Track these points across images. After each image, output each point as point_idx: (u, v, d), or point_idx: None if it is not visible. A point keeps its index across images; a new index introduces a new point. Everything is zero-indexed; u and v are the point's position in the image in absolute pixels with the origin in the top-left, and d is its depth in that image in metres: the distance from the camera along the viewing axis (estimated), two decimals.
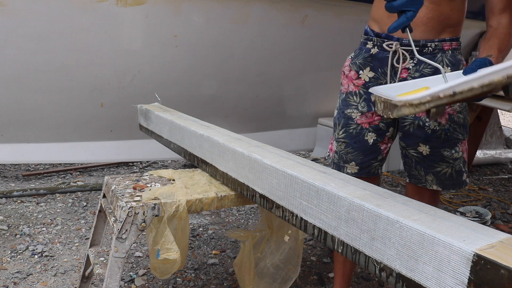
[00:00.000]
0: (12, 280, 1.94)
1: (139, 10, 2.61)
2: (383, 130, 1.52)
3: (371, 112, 1.50)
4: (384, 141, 1.54)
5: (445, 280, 0.71)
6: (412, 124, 1.46)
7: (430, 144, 1.44)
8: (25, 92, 2.70)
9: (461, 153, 1.46)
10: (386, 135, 1.54)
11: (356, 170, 1.57)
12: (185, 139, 1.73)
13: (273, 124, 3.74)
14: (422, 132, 1.44)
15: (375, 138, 1.52)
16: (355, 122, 1.53)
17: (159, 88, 2.60)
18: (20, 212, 2.70)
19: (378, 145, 1.54)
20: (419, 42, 1.40)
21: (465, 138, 1.47)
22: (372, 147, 1.54)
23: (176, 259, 1.34)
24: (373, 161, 1.56)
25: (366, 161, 1.55)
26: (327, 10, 3.17)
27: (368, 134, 1.52)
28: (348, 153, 1.57)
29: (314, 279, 2.08)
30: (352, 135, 1.55)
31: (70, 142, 3.05)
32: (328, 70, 3.59)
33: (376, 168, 1.58)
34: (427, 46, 1.41)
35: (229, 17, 2.86)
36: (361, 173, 1.56)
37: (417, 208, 0.86)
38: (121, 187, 1.49)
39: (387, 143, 1.56)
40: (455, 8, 1.39)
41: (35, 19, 2.43)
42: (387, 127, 1.52)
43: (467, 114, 1.48)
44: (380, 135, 1.53)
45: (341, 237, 0.93)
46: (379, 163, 1.58)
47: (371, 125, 1.51)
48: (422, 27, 1.38)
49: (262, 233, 1.64)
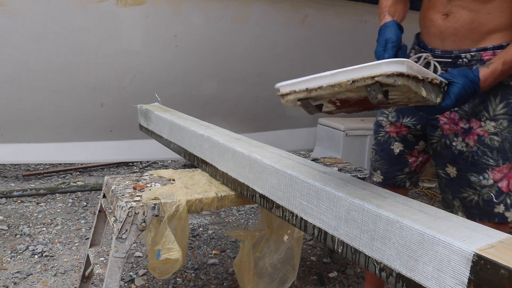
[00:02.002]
0: (12, 280, 1.94)
1: (139, 10, 2.61)
2: (411, 142, 1.44)
3: (399, 122, 1.44)
4: (412, 153, 1.46)
5: (445, 280, 0.71)
6: (439, 143, 1.35)
7: (457, 166, 1.32)
8: (25, 92, 2.70)
9: (491, 181, 1.27)
10: (415, 148, 1.45)
11: (380, 180, 1.52)
12: (185, 139, 1.73)
13: (273, 124, 3.75)
14: (449, 152, 1.33)
15: (402, 149, 1.46)
16: (384, 130, 1.48)
17: (159, 88, 2.60)
18: (20, 212, 2.70)
19: (405, 157, 1.47)
20: (451, 53, 1.28)
21: (500, 165, 1.26)
22: (397, 158, 1.47)
23: (178, 258, 1.34)
24: (398, 172, 1.49)
25: (390, 172, 1.49)
26: (327, 10, 3.17)
27: (394, 143, 1.46)
28: (376, 161, 1.52)
29: (314, 279, 2.08)
30: (380, 143, 1.50)
31: (70, 142, 3.05)
32: (328, 70, 3.59)
33: (403, 181, 1.50)
34: (461, 58, 1.26)
35: (229, 17, 2.86)
36: (386, 183, 1.50)
37: (417, 208, 0.86)
38: (121, 187, 1.49)
39: (417, 157, 1.47)
40: (494, 10, 1.20)
41: (35, 19, 2.43)
42: (416, 140, 1.44)
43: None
44: (407, 147, 1.45)
45: (341, 237, 0.93)
46: (406, 176, 1.49)
47: (398, 135, 1.45)
48: (451, 37, 1.26)
49: (261, 232, 1.64)
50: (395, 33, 1.21)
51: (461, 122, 1.28)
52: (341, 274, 2.13)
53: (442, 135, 1.33)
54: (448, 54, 1.28)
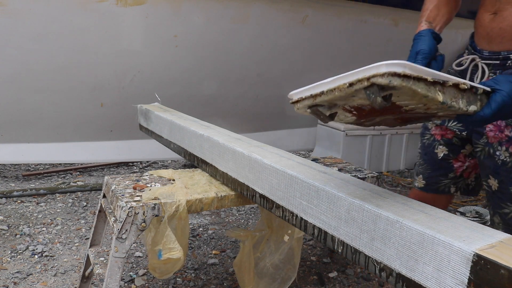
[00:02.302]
0: (12, 280, 1.94)
1: (139, 10, 2.61)
2: (456, 146, 1.37)
3: (445, 126, 1.38)
4: (458, 158, 1.38)
5: (445, 280, 0.71)
6: (483, 151, 1.26)
7: (499, 177, 1.23)
8: (25, 92, 2.70)
9: None
10: (461, 152, 1.37)
11: (422, 185, 1.45)
12: (185, 139, 1.73)
13: (273, 124, 3.75)
14: (492, 162, 1.24)
15: (446, 153, 1.38)
16: (429, 132, 1.42)
17: (159, 88, 2.60)
18: (20, 212, 2.70)
19: (450, 162, 1.39)
20: (499, 55, 1.21)
21: None
22: (441, 162, 1.40)
23: (180, 257, 1.34)
24: (442, 177, 1.41)
25: (433, 176, 1.42)
26: (327, 10, 3.17)
27: (438, 146, 1.39)
28: (420, 165, 1.45)
29: (314, 279, 2.08)
30: (424, 146, 1.43)
31: (70, 142, 3.05)
32: (328, 70, 3.59)
33: (447, 186, 1.42)
34: (510, 59, 1.19)
35: (229, 17, 2.86)
36: (427, 188, 1.43)
37: (417, 208, 0.86)
38: (121, 187, 1.49)
39: (464, 162, 1.38)
40: None
41: (35, 19, 2.43)
42: (462, 143, 1.36)
43: None
44: (452, 151, 1.38)
45: (341, 237, 0.93)
46: (450, 181, 1.41)
47: (443, 138, 1.39)
48: (498, 37, 1.19)
49: (262, 233, 1.64)
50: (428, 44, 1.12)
51: (506, 129, 1.20)
52: (341, 274, 2.13)
53: (487, 143, 1.24)
54: (496, 56, 1.22)
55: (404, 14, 3.53)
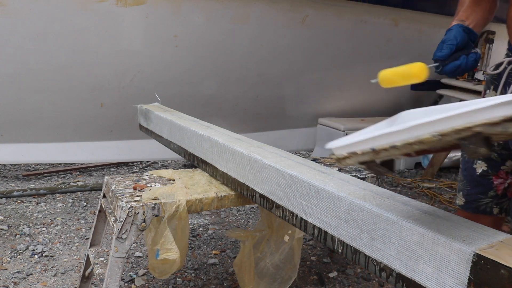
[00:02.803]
0: (12, 280, 1.94)
1: (139, 10, 2.61)
2: (496, 162, 1.28)
3: None
4: (498, 174, 1.29)
5: (445, 280, 0.71)
6: None
7: None
8: (25, 92, 2.70)
9: None
10: (501, 169, 1.29)
11: (462, 203, 1.37)
12: (185, 139, 1.73)
13: (273, 124, 3.75)
14: None
15: (485, 169, 1.30)
16: None
17: (159, 88, 2.60)
18: (20, 212, 2.70)
19: (490, 178, 1.30)
20: None
21: None
22: (479, 178, 1.31)
23: (175, 259, 1.34)
24: (481, 195, 1.32)
25: (472, 194, 1.34)
26: (327, 10, 3.17)
27: (477, 162, 1.31)
28: (460, 181, 1.38)
29: (314, 279, 2.08)
30: (464, 161, 1.36)
31: (70, 142, 3.05)
32: (328, 70, 3.60)
33: (488, 206, 1.32)
34: None
35: (229, 17, 2.86)
36: (467, 207, 1.35)
37: (417, 208, 0.86)
38: (121, 187, 1.49)
39: (505, 178, 1.29)
40: None
41: (35, 19, 2.43)
42: (502, 159, 1.27)
43: None
44: (492, 167, 1.29)
45: (341, 237, 0.93)
46: (491, 200, 1.31)
47: None
48: None
49: (262, 233, 1.64)
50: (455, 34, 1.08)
51: None
52: (341, 274, 2.13)
53: None
54: None
55: (404, 14, 3.53)
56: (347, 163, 0.69)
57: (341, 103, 3.93)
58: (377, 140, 0.64)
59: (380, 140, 0.63)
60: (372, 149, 0.64)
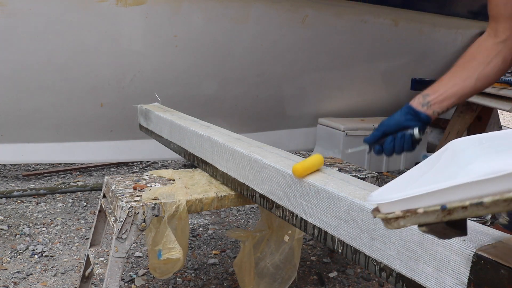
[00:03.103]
0: (12, 280, 1.94)
1: (139, 10, 2.61)
2: None
3: None
4: None
5: (445, 280, 0.71)
6: None
7: None
8: (25, 92, 2.70)
9: None
10: None
11: (506, 222, 1.34)
12: (185, 139, 1.73)
13: (273, 124, 3.75)
14: None
15: None
16: None
17: (159, 88, 2.60)
18: (20, 212, 2.70)
19: None
20: None
21: None
22: None
23: (179, 258, 1.34)
24: None
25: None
26: (327, 10, 3.17)
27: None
28: None
29: (314, 279, 2.08)
30: None
31: (70, 142, 3.05)
32: (328, 70, 3.60)
33: None
34: None
35: (229, 17, 2.86)
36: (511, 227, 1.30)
37: None
38: (121, 187, 1.49)
39: None
40: None
41: (35, 19, 2.43)
42: None
43: None
44: None
45: (341, 237, 0.93)
46: None
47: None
48: None
49: (262, 233, 1.64)
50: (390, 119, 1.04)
51: None
52: (341, 274, 2.13)
53: None
54: None
55: (404, 14, 3.53)
56: (400, 225, 0.51)
57: (341, 103, 3.93)
58: (450, 194, 0.46)
59: (455, 193, 0.45)
60: (443, 208, 0.46)
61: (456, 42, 4.07)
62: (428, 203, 0.47)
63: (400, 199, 0.50)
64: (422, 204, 0.48)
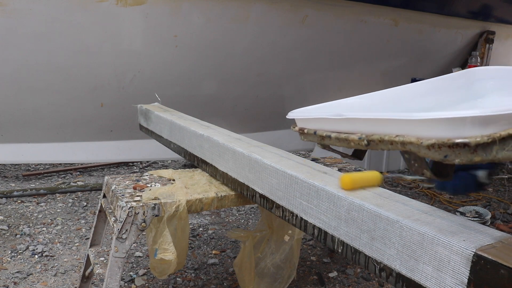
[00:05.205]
0: (12, 280, 1.94)
1: (139, 10, 2.61)
2: None
3: None
4: None
5: (445, 280, 0.71)
6: None
7: None
8: (25, 92, 2.70)
9: None
10: None
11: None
12: (185, 139, 1.73)
13: (273, 124, 3.75)
14: None
15: None
16: None
17: (159, 88, 2.60)
18: (20, 212, 2.70)
19: None
20: None
21: None
22: None
23: (171, 260, 1.34)
24: None
25: None
26: (327, 10, 3.17)
27: None
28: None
29: (314, 279, 2.08)
30: None
31: (70, 142, 3.05)
32: (328, 70, 3.60)
33: None
34: None
35: (229, 17, 2.86)
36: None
37: (417, 208, 0.86)
38: (121, 187, 1.49)
39: None
40: None
41: (35, 19, 2.43)
42: None
43: None
44: None
45: (341, 237, 0.93)
46: None
47: None
48: None
49: (262, 233, 1.64)
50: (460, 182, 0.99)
51: None
52: (341, 274, 2.13)
53: None
54: None
55: (404, 14, 3.53)
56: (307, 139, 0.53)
57: None
58: (321, 123, 0.47)
59: (322, 123, 0.46)
60: (314, 132, 0.50)
61: (456, 42, 4.07)
62: (310, 126, 0.48)
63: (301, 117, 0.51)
64: (308, 126, 0.48)
